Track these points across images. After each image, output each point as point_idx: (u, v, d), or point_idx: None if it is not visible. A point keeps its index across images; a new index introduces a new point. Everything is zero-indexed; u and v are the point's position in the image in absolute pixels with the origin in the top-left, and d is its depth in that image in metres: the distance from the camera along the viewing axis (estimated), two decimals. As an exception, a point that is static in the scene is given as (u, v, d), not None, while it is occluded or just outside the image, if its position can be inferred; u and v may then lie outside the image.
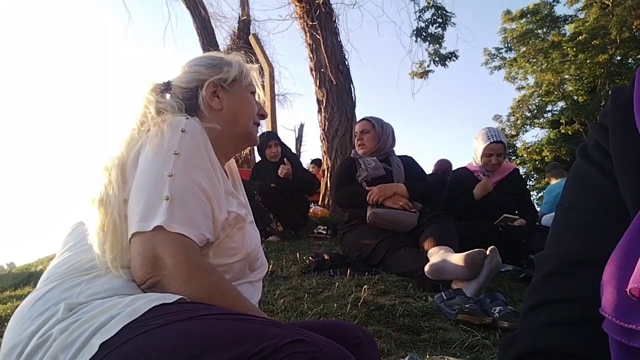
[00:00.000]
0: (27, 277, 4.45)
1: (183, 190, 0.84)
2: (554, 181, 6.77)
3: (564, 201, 0.50)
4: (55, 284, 0.80)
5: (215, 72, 1.10)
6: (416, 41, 8.35)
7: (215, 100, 1.08)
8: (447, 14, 8.07)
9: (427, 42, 8.37)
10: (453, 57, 8.71)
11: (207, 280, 0.81)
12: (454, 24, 8.18)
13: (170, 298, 0.74)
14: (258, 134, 1.21)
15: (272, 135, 4.85)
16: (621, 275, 0.36)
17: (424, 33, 8.26)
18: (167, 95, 1.10)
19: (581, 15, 16.39)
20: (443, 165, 5.83)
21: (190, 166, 0.87)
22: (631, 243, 0.37)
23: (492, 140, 3.27)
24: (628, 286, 0.34)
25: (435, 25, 8.16)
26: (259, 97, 1.20)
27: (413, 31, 8.30)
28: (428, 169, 5.72)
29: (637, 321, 0.33)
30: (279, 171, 4.20)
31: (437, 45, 8.45)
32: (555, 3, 16.80)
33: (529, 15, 17.06)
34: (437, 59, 8.70)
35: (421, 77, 9.24)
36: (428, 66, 9.06)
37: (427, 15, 8.19)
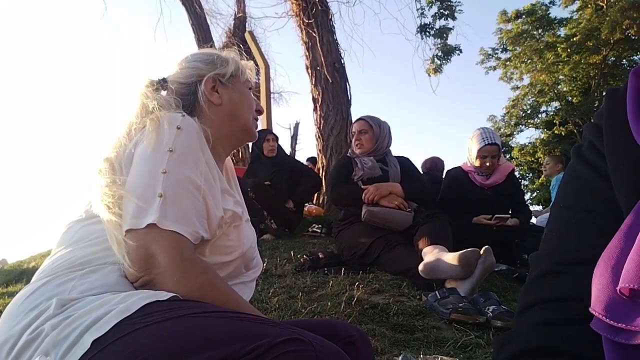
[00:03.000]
0: (19, 274, 4.43)
1: (177, 187, 0.83)
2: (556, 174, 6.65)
3: (559, 201, 0.50)
4: (47, 279, 0.79)
5: (213, 67, 1.10)
6: (422, 38, 8.33)
7: (215, 95, 1.08)
8: (452, 4, 8.03)
9: (433, 37, 8.34)
10: (457, 51, 8.66)
11: (200, 278, 0.80)
12: (462, 11, 8.13)
13: (164, 296, 0.73)
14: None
15: (269, 130, 4.99)
16: (611, 274, 0.36)
17: (428, 29, 8.23)
18: (163, 92, 1.09)
19: (576, 17, 16.46)
20: (427, 163, 5.82)
21: (184, 163, 0.87)
22: (621, 242, 0.37)
23: (486, 143, 3.27)
24: (618, 285, 0.34)
25: (442, 18, 8.13)
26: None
27: (417, 28, 8.28)
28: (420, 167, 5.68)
29: (626, 320, 0.34)
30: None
31: (444, 38, 8.39)
32: (550, 5, 16.88)
33: (524, 16, 17.12)
34: (441, 54, 8.65)
35: (436, 73, 9.14)
36: (443, 58, 8.94)
37: (434, 10, 8.17)
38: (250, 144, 5.29)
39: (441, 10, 8.09)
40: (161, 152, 0.86)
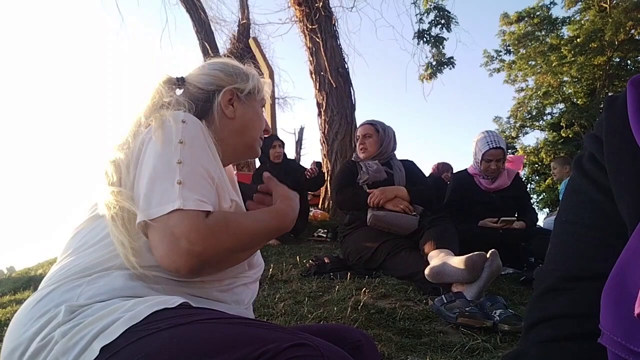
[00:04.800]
0: (27, 281, 4.45)
1: (194, 174, 0.84)
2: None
3: (561, 215, 0.50)
4: (55, 286, 0.80)
5: (233, 80, 1.10)
6: (418, 44, 8.33)
7: (230, 109, 1.08)
8: (449, 14, 8.05)
9: (430, 45, 8.33)
10: (450, 65, 8.66)
11: (224, 233, 0.81)
12: (457, 22, 8.14)
13: (173, 303, 0.74)
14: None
15: (276, 136, 5.02)
16: (622, 294, 0.36)
17: (426, 35, 8.23)
18: (179, 91, 1.10)
19: (578, 18, 16.42)
20: (434, 167, 5.81)
21: (196, 152, 0.88)
22: (630, 259, 0.37)
23: (491, 147, 3.26)
24: (636, 310, 0.34)
25: (439, 27, 8.13)
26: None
27: (415, 34, 8.29)
28: (426, 171, 5.69)
29: None
30: (307, 173, 4.42)
31: (439, 48, 8.39)
32: (552, 5, 16.84)
33: (527, 19, 17.10)
34: (435, 64, 8.64)
35: (430, 79, 9.11)
36: (435, 68, 8.91)
37: (430, 17, 8.16)
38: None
39: (437, 19, 8.08)
40: (173, 145, 0.86)
